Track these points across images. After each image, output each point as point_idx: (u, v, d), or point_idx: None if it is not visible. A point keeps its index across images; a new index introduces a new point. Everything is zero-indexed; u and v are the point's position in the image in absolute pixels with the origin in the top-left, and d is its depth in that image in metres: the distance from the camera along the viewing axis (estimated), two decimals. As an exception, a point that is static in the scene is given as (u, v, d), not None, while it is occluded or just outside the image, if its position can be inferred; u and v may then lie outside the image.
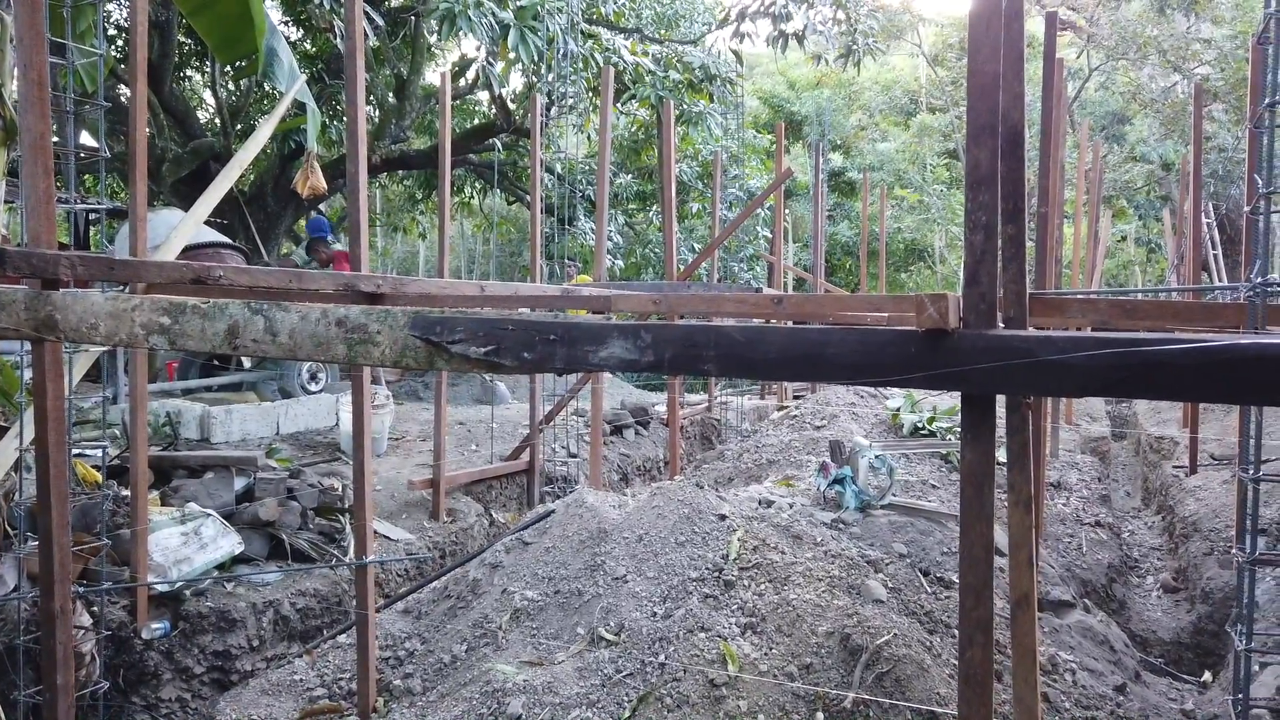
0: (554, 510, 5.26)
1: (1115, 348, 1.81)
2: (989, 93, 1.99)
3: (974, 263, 2.00)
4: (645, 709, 3.97)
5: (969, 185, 2.01)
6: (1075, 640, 5.17)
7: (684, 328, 2.16)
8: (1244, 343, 1.71)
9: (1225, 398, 1.76)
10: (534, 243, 8.02)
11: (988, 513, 2.00)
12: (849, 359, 2.02)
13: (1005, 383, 1.91)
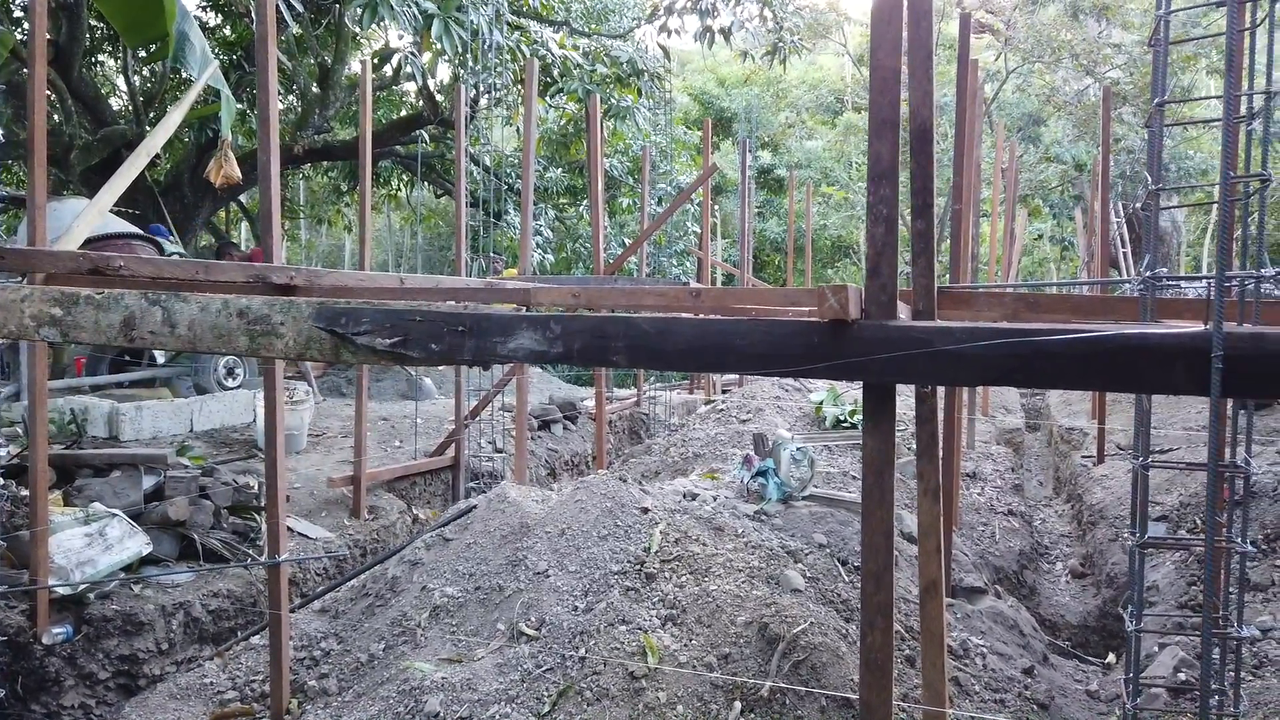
0: (476, 506, 5.21)
1: (1007, 338, 1.86)
2: (890, 88, 2.02)
3: (875, 255, 2.03)
4: (565, 703, 3.96)
5: (870, 179, 2.05)
6: (986, 625, 5.33)
7: (593, 319, 2.16)
8: (1124, 333, 1.77)
9: (1107, 385, 1.83)
10: (459, 236, 7.93)
11: (888, 499, 2.04)
12: (756, 350, 2.04)
13: (903, 372, 1.95)
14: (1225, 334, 1.71)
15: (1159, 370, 1.78)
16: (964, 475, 8.37)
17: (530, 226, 6.60)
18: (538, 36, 11.73)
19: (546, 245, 18.08)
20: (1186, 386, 1.76)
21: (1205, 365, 1.73)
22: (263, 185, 4.27)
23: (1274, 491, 6.53)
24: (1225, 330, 1.72)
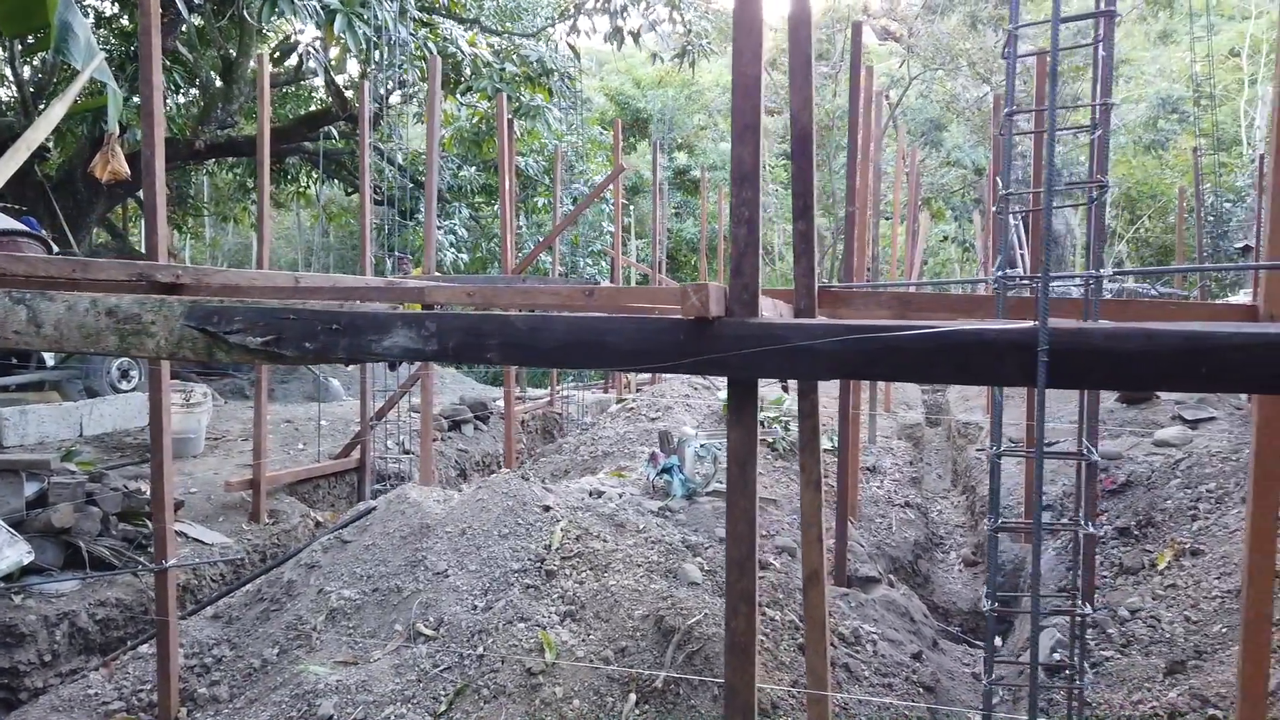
0: (375, 507, 5.16)
1: (859, 335, 1.96)
2: (751, 94, 2.11)
3: (738, 255, 2.12)
4: (462, 701, 3.97)
5: (734, 181, 2.13)
6: (879, 613, 5.52)
7: (468, 317, 2.19)
8: (962, 329, 1.89)
9: (949, 378, 1.95)
10: (364, 234, 7.83)
11: (751, 489, 2.12)
12: (627, 346, 2.10)
13: (764, 367, 2.04)
14: (1050, 330, 1.84)
15: (993, 363, 1.90)
16: (864, 469, 8.63)
17: (434, 225, 6.56)
18: (448, 33, 11.62)
19: (461, 245, 17.91)
20: (1017, 378, 1.88)
21: (1033, 358, 1.86)
22: (146, 181, 4.16)
23: (1148, 480, 6.91)
24: (1050, 326, 1.85)
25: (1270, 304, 2.88)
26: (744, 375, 2.08)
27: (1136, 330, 1.81)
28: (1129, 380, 1.85)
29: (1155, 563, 5.53)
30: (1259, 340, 1.71)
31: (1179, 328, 1.79)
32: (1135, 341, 1.80)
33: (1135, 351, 1.80)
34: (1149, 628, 4.74)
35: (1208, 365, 1.75)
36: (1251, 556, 2.97)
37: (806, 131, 3.32)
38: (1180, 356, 1.76)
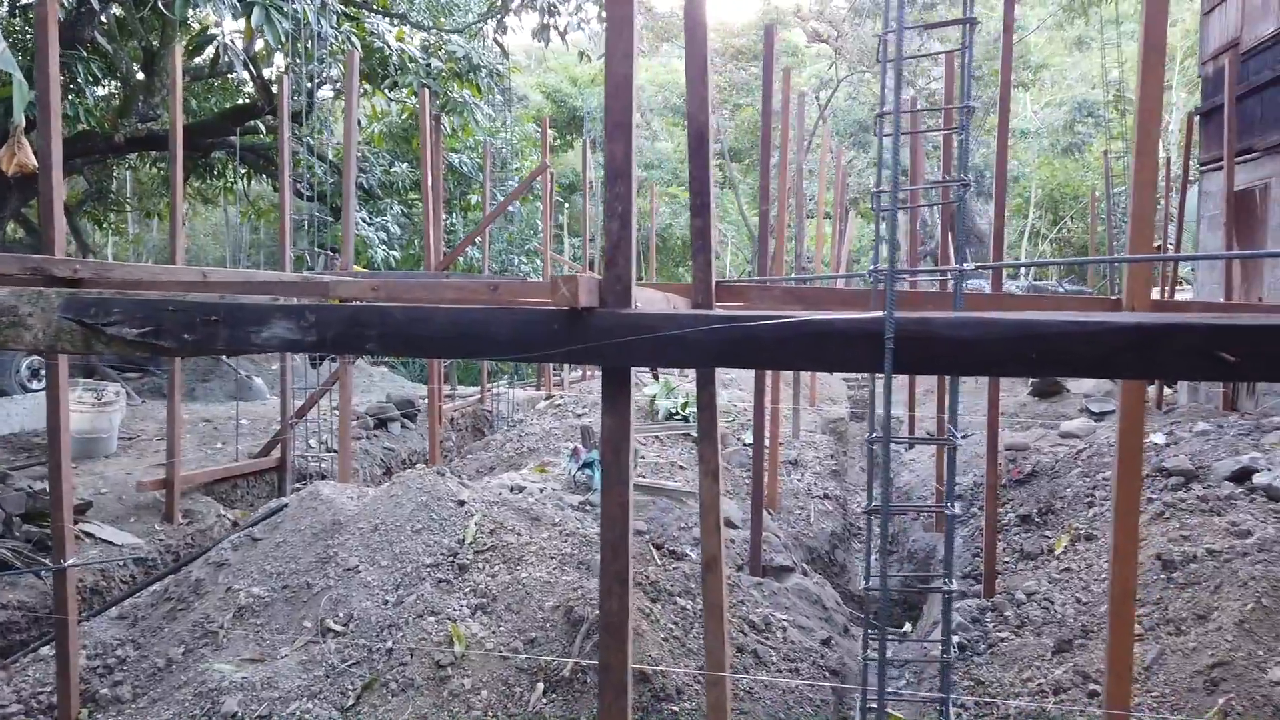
0: (287, 504, 5.12)
1: (721, 324, 2.05)
2: (623, 93, 2.18)
3: (611, 247, 2.18)
4: (370, 695, 3.98)
5: (607, 177, 2.20)
6: (791, 601, 5.65)
7: (348, 308, 2.22)
8: (816, 319, 1.99)
9: (806, 365, 2.04)
10: (283, 230, 7.73)
11: (624, 475, 2.20)
12: (505, 337, 2.16)
13: (635, 356, 2.11)
14: (896, 320, 1.95)
15: (845, 350, 2.00)
16: (787, 463, 8.80)
17: (353, 220, 6.52)
18: (374, 28, 11.50)
19: (393, 242, 17.71)
20: (867, 364, 1.99)
21: (881, 346, 1.96)
22: (42, 174, 4.08)
23: (1052, 470, 7.19)
24: (896, 316, 1.95)
25: (1131, 297, 3.05)
26: (616, 364, 2.15)
27: (974, 319, 1.92)
28: (969, 365, 1.97)
29: (1053, 548, 5.77)
30: (1081, 329, 1.84)
31: (1012, 317, 1.90)
32: (973, 329, 1.91)
33: (973, 339, 1.91)
34: (1043, 610, 4.95)
35: (1038, 351, 1.87)
36: (1117, 536, 3.14)
37: (702, 131, 3.41)
38: (1013, 343, 1.88)
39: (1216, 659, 3.82)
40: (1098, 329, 1.83)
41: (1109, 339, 1.82)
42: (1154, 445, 6.70)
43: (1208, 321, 1.81)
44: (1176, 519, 5.16)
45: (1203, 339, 1.79)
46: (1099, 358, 1.84)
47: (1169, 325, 1.81)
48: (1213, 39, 12.23)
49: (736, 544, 6.45)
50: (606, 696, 2.21)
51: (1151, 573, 4.74)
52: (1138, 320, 1.84)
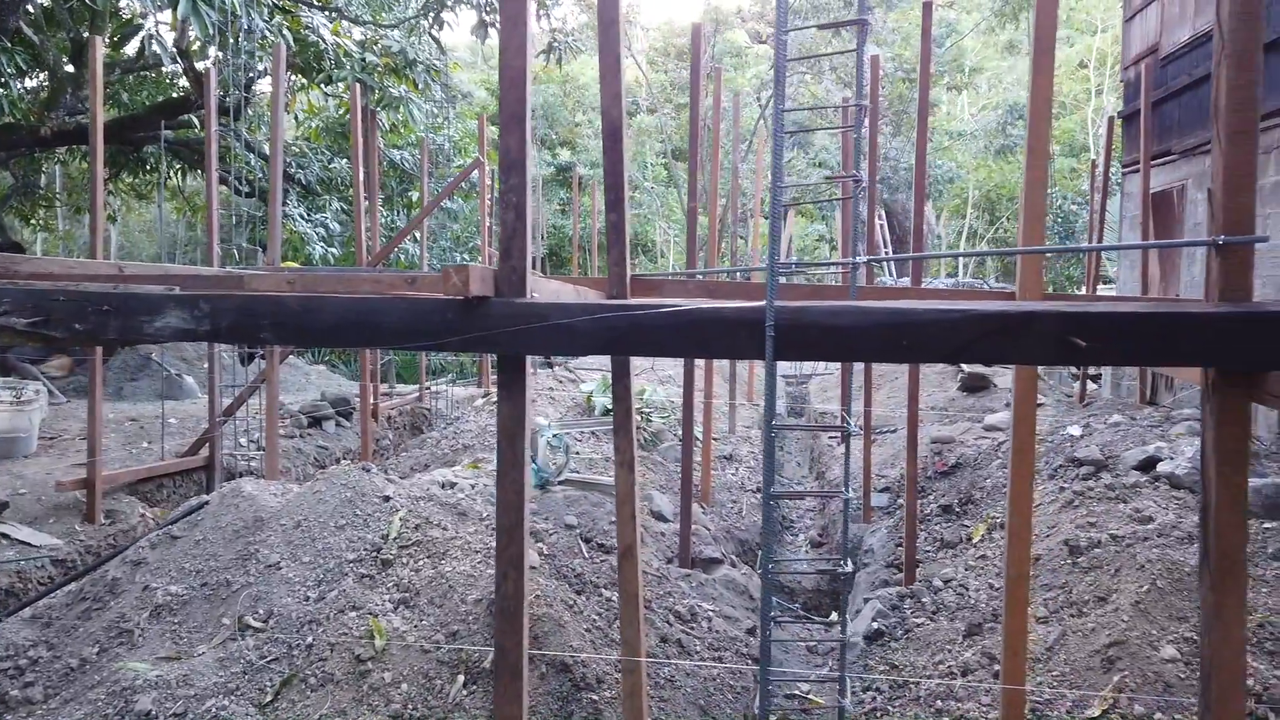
0: (208, 502, 5.06)
1: (609, 313, 2.10)
2: (518, 86, 2.22)
3: (506, 239, 2.22)
4: (288, 691, 3.97)
5: (501, 169, 2.24)
6: (718, 592, 5.75)
7: (241, 298, 2.22)
8: (701, 307, 2.05)
9: (691, 352, 2.11)
10: (211, 225, 7.62)
11: (519, 461, 2.24)
12: (399, 325, 2.19)
13: (528, 344, 2.15)
14: (776, 309, 2.02)
15: (728, 338, 2.07)
16: (721, 457, 8.92)
17: (279, 215, 6.45)
18: (309, 21, 11.35)
19: (332, 238, 17.49)
20: (749, 351, 2.06)
21: (763, 333, 2.04)
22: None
23: (975, 461, 7.40)
24: (776, 305, 2.03)
25: (1023, 289, 3.17)
26: (510, 352, 2.19)
27: (849, 308, 2.00)
28: (844, 352, 2.05)
29: (971, 536, 5.94)
30: (945, 317, 1.93)
31: (884, 306, 1.99)
32: (847, 318, 1.99)
33: (848, 326, 1.99)
34: (958, 596, 5.11)
35: (907, 339, 1.96)
36: (1012, 519, 3.27)
37: (616, 126, 3.46)
38: (885, 331, 1.97)
39: (1113, 639, 3.98)
40: (960, 317, 1.92)
41: (971, 327, 1.92)
42: (1070, 437, 6.93)
43: (1061, 310, 1.91)
44: (1085, 506, 5.36)
45: (1056, 326, 1.89)
46: (963, 344, 1.93)
47: (1026, 313, 1.91)
48: (1134, 44, 12.65)
49: (667, 537, 6.54)
50: (503, 679, 2.25)
51: (1059, 558, 4.91)
52: (998, 309, 1.93)
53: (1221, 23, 1.96)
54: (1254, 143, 1.95)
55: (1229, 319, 1.86)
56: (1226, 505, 1.98)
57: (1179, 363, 1.93)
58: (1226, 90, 1.95)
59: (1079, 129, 30.36)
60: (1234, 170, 1.95)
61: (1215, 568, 1.99)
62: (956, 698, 4.03)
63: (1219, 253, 1.97)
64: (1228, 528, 1.98)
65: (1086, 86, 31.84)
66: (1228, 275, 1.96)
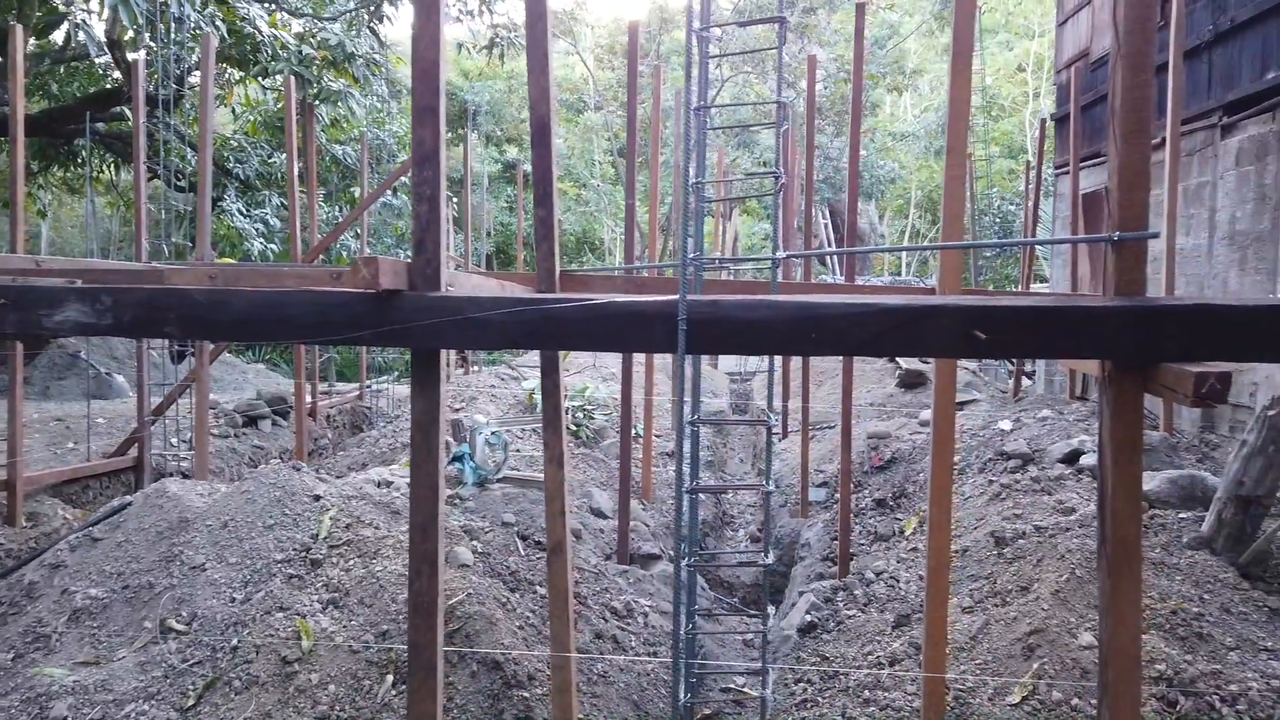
0: (130, 503, 4.94)
1: (523, 307, 2.09)
2: (430, 78, 2.20)
3: (420, 231, 2.20)
4: (212, 695, 3.89)
5: (415, 162, 2.21)
6: (655, 587, 5.77)
7: (145, 291, 2.17)
8: (615, 301, 2.05)
9: (605, 345, 2.11)
10: (138, 220, 7.43)
11: (434, 455, 2.22)
12: (307, 319, 2.15)
13: (441, 338, 2.13)
14: (690, 302, 2.03)
15: (641, 331, 2.08)
16: (664, 454, 8.95)
17: (208, 209, 6.31)
18: (245, 13, 11.11)
19: (272, 235, 17.16)
20: (663, 344, 2.07)
21: (676, 327, 2.04)
22: None
23: (909, 456, 7.53)
24: (690, 299, 2.04)
25: (942, 284, 3.24)
26: (422, 346, 2.17)
27: (761, 302, 2.02)
28: (756, 345, 2.07)
29: (904, 529, 6.04)
30: (853, 311, 1.96)
31: (795, 300, 2.01)
32: (760, 312, 2.01)
33: (759, 320, 2.01)
34: (889, 587, 5.19)
35: (816, 332, 1.98)
36: (933, 510, 3.34)
37: (545, 122, 3.45)
38: (795, 324, 1.99)
39: (1034, 627, 4.08)
40: (867, 311, 1.95)
41: (877, 320, 1.95)
42: (1000, 431, 7.09)
43: (964, 304, 1.95)
44: (1011, 499, 5.49)
45: (959, 320, 1.93)
46: (870, 337, 1.97)
47: (930, 307, 1.94)
48: (1066, 49, 12.97)
49: (606, 533, 6.54)
50: (417, 675, 2.24)
51: (986, 549, 5.03)
52: (904, 303, 1.97)
53: (1118, 27, 2.02)
54: (1148, 142, 2.01)
55: (1122, 313, 1.92)
56: (1122, 493, 2.04)
57: (1076, 355, 1.98)
58: (1122, 92, 2.01)
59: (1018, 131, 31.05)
60: (1129, 169, 2.01)
61: (1112, 554, 2.06)
62: (884, 687, 4.09)
63: (1114, 249, 2.03)
64: (1124, 514, 2.04)
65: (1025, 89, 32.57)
66: (1122, 270, 2.02)
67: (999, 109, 32.53)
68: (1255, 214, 8.64)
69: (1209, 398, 1.83)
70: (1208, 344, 1.89)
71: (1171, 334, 1.90)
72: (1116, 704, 2.08)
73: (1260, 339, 1.87)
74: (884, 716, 3.87)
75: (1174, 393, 1.91)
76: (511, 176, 29.69)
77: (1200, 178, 9.65)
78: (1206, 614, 4.17)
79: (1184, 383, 1.86)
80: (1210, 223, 9.45)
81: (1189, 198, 9.75)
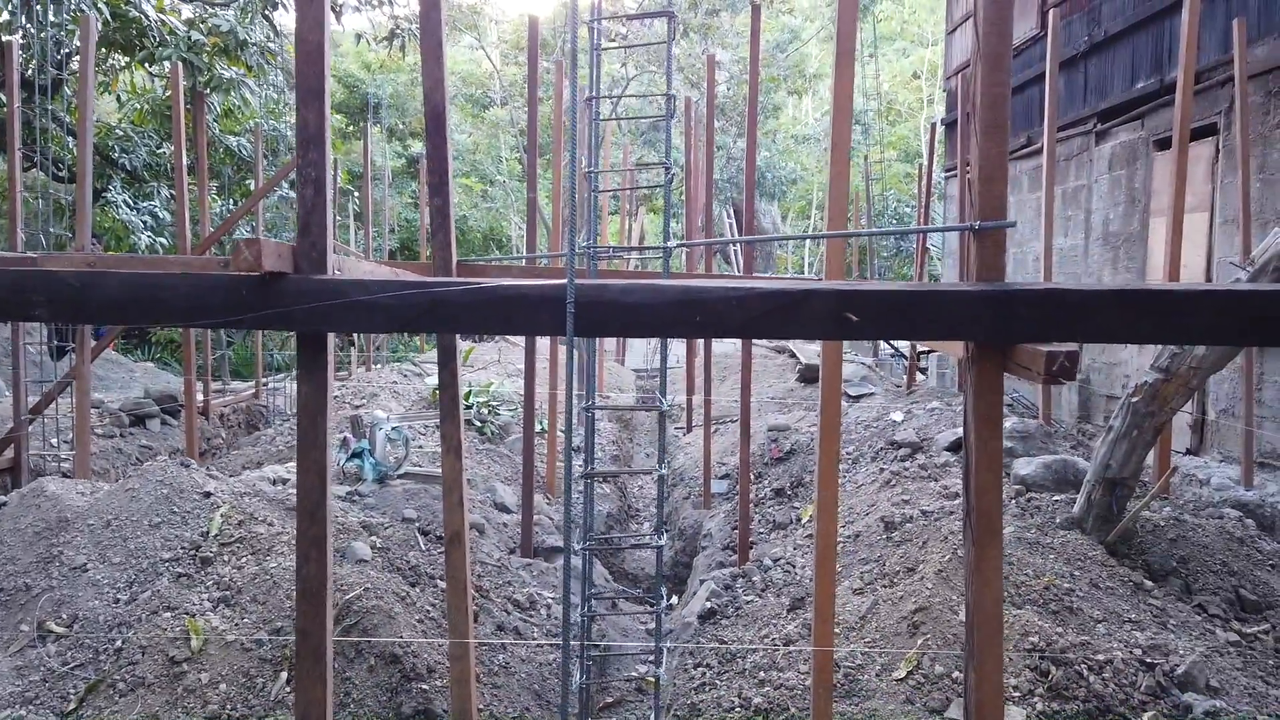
0: (5, 503, 4.71)
1: (412, 289, 2.10)
2: (315, 60, 2.19)
3: (305, 214, 2.19)
4: (95, 698, 3.75)
5: (299, 144, 2.20)
6: (559, 580, 5.79)
7: (12, 273, 2.10)
8: (504, 284, 2.08)
9: (495, 328, 2.14)
10: (13, 208, 7.05)
11: (321, 441, 2.21)
12: (184, 302, 2.11)
13: (329, 321, 2.12)
14: (576, 286, 2.08)
15: (532, 315, 2.11)
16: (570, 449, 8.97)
17: (88, 199, 6.04)
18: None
19: (161, 228, 16.48)
20: (552, 328, 2.11)
21: (564, 310, 2.09)
22: None
23: (808, 448, 7.74)
24: (577, 283, 2.08)
25: (828, 273, 3.36)
26: (307, 330, 2.16)
27: (644, 286, 2.08)
28: (640, 327, 2.13)
29: (800, 518, 6.22)
30: (732, 294, 2.03)
31: (677, 284, 2.08)
32: (642, 295, 2.07)
33: (643, 303, 2.07)
34: (785, 573, 5.35)
35: (700, 314, 2.05)
36: (820, 493, 3.46)
37: (439, 111, 3.44)
38: (678, 307, 2.06)
39: (919, 605, 4.27)
40: (746, 295, 2.03)
41: (755, 304, 2.03)
42: (892, 422, 7.36)
43: (837, 288, 2.05)
44: (900, 485, 5.71)
45: (832, 303, 2.03)
46: (749, 319, 2.05)
47: (805, 291, 2.04)
48: (954, 57, 13.51)
49: (510, 527, 6.53)
50: (305, 662, 2.22)
51: (876, 534, 5.23)
52: (780, 288, 2.05)
53: (978, 28, 2.15)
54: (1005, 137, 2.15)
55: (983, 297, 2.05)
56: (984, 466, 2.17)
57: (941, 337, 2.10)
58: (982, 90, 2.15)
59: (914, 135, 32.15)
60: (989, 161, 2.15)
61: (976, 524, 2.19)
62: (779, 667, 4.22)
63: (975, 237, 2.16)
64: (986, 487, 2.18)
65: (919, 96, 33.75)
66: (983, 257, 2.15)
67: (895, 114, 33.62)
68: (1126, 215, 9.18)
69: (1059, 375, 1.96)
70: (1058, 325, 2.03)
71: (1025, 316, 2.03)
72: (982, 666, 2.22)
73: (1102, 321, 2.02)
74: (778, 695, 3.99)
75: (1029, 370, 2.05)
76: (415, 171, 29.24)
77: (1077, 181, 10.20)
78: (1077, 589, 4.44)
79: (1037, 361, 1.99)
80: (1086, 224, 10.00)
81: (1066, 200, 10.30)
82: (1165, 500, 5.75)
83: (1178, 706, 3.72)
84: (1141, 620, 4.31)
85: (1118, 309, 2.01)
